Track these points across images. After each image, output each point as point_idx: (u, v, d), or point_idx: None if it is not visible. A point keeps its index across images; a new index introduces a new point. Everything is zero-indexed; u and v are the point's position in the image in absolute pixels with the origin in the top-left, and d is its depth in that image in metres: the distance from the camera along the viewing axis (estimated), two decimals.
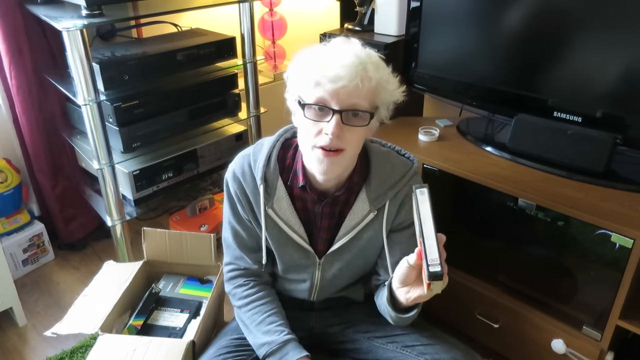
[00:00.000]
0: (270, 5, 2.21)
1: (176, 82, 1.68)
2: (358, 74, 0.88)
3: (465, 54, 1.46)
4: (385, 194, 1.04)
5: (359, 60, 0.89)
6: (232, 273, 1.13)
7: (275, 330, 1.03)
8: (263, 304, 1.08)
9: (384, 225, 1.06)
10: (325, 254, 1.08)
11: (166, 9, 1.56)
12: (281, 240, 1.07)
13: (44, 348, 1.55)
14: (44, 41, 1.72)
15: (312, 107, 0.92)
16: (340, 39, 0.95)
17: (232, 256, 1.13)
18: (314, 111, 0.92)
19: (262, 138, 1.09)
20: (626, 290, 1.12)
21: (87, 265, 1.92)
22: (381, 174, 1.04)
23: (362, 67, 0.89)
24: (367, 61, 0.90)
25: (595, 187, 1.25)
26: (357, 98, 0.90)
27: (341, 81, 0.88)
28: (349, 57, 0.89)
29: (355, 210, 1.05)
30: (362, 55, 0.91)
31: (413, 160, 1.09)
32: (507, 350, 1.42)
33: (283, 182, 1.04)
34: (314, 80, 0.90)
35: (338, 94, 0.89)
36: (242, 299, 1.10)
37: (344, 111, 0.91)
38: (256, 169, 1.04)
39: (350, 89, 0.89)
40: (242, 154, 1.08)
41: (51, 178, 1.86)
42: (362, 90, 0.90)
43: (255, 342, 1.05)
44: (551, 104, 1.30)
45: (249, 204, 1.06)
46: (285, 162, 1.05)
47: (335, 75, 0.88)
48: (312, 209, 1.05)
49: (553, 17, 1.26)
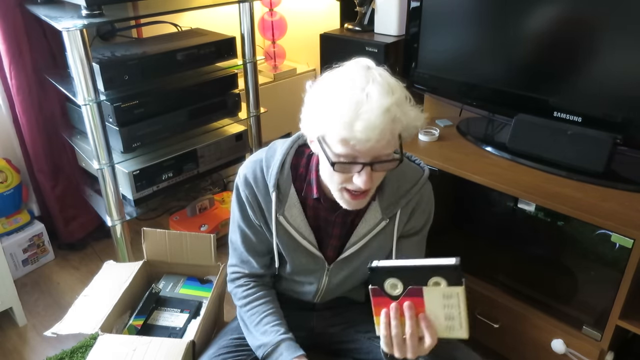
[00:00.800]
0: (270, 5, 2.21)
1: (176, 82, 1.68)
2: (388, 130, 0.83)
3: (465, 53, 1.46)
4: (397, 202, 1.03)
5: (388, 115, 0.82)
6: (235, 275, 1.13)
7: (271, 330, 1.03)
8: (261, 304, 1.08)
9: (395, 233, 1.06)
10: (334, 261, 1.08)
11: (166, 9, 1.56)
12: (291, 246, 1.07)
13: (44, 348, 1.55)
14: (44, 41, 1.72)
15: (340, 160, 0.88)
16: (361, 78, 0.85)
17: (238, 259, 1.12)
18: (342, 165, 0.88)
19: (274, 141, 1.07)
20: (626, 290, 1.12)
21: (87, 265, 1.92)
22: (393, 182, 1.03)
23: (391, 121, 0.83)
24: (395, 112, 0.83)
25: (595, 187, 1.24)
26: (387, 149, 0.87)
27: (371, 142, 0.83)
28: (378, 116, 0.81)
29: (367, 218, 1.04)
30: (390, 104, 0.83)
31: (424, 168, 1.08)
32: (507, 350, 1.42)
33: (295, 189, 1.03)
34: (340, 137, 0.85)
35: (368, 151, 0.85)
36: (242, 299, 1.10)
37: (374, 163, 0.88)
38: (269, 176, 1.02)
39: (381, 145, 0.85)
40: (254, 158, 1.06)
41: (51, 178, 1.86)
42: (392, 141, 0.86)
43: (253, 343, 1.05)
44: (551, 104, 1.30)
45: (260, 209, 1.05)
46: (298, 170, 1.03)
47: (364, 137, 0.82)
48: (324, 217, 1.04)
49: (553, 17, 1.26)
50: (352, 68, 0.88)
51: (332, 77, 0.88)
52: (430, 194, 1.09)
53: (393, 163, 0.89)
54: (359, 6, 1.77)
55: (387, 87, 0.84)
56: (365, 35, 1.72)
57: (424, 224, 1.09)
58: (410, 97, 0.90)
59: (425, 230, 1.11)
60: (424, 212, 1.07)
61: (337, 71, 0.89)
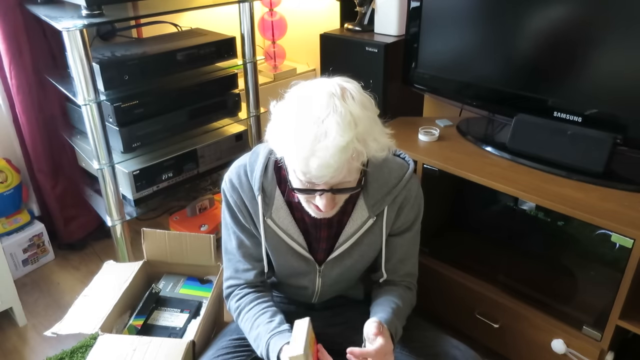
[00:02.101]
0: (270, 5, 2.21)
1: (176, 82, 1.68)
2: (344, 167, 0.83)
3: (465, 53, 1.46)
4: (384, 199, 1.03)
5: (345, 153, 0.81)
6: (230, 289, 1.12)
7: (262, 332, 1.02)
8: (251, 308, 1.07)
9: (383, 230, 1.06)
10: (325, 262, 1.08)
11: (166, 9, 1.56)
12: (281, 250, 1.07)
13: (44, 348, 1.56)
14: (44, 41, 1.72)
15: (300, 185, 0.89)
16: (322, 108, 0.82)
17: (233, 269, 1.11)
18: (302, 190, 0.90)
19: (257, 145, 1.07)
20: (626, 290, 1.12)
21: (87, 265, 1.92)
22: (378, 179, 1.02)
23: (348, 159, 0.82)
24: (354, 148, 0.81)
25: (595, 187, 1.24)
26: (347, 178, 0.87)
27: (326, 178, 0.83)
28: (333, 155, 0.80)
29: (355, 217, 1.04)
30: (348, 142, 0.80)
31: (409, 162, 1.08)
32: (507, 350, 1.42)
33: (281, 192, 1.03)
34: (298, 169, 0.85)
35: (326, 183, 0.86)
36: (235, 311, 1.10)
37: (334, 190, 0.89)
38: (253, 179, 1.02)
39: (338, 179, 0.85)
40: (238, 163, 1.07)
41: (51, 178, 1.86)
42: (352, 172, 0.86)
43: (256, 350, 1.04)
44: (551, 104, 1.30)
45: (248, 213, 1.05)
46: (282, 172, 1.03)
47: (319, 174, 0.82)
48: (310, 220, 1.04)
49: (553, 17, 1.26)
50: (317, 93, 0.85)
51: (296, 100, 0.86)
52: (418, 188, 1.08)
53: (354, 189, 0.91)
54: (359, 6, 1.77)
55: (349, 119, 0.81)
56: (365, 35, 1.72)
57: (414, 219, 1.09)
58: (378, 122, 0.88)
59: (417, 225, 1.11)
60: (413, 207, 1.07)
61: (303, 93, 0.87)
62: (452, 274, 1.46)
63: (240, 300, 1.09)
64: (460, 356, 1.04)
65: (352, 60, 1.70)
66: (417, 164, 1.42)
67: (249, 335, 1.06)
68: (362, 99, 0.86)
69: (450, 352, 1.05)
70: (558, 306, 1.31)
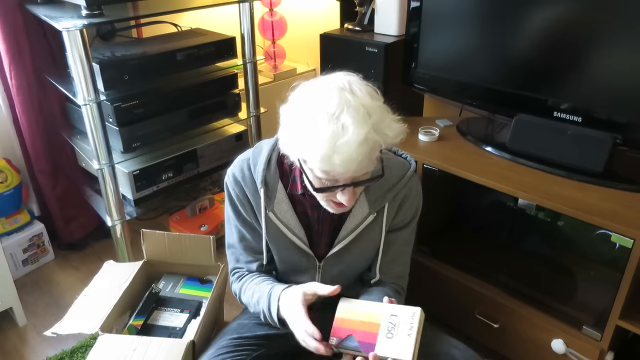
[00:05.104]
0: (270, 5, 2.21)
1: (176, 82, 1.68)
2: (367, 159, 0.84)
3: (465, 54, 1.46)
4: (385, 196, 1.05)
5: (366, 145, 0.82)
6: (234, 277, 1.15)
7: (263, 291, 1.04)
8: (252, 280, 1.10)
9: (383, 226, 1.07)
10: (325, 257, 1.08)
11: (166, 9, 1.56)
12: (282, 244, 1.08)
13: (44, 348, 1.55)
14: (44, 41, 1.72)
15: (321, 184, 0.90)
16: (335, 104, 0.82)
17: (235, 260, 1.14)
18: (324, 188, 0.90)
19: (261, 141, 1.09)
20: (626, 290, 1.12)
21: (87, 265, 1.92)
22: None
23: (369, 151, 0.83)
24: (373, 139, 0.83)
25: (595, 187, 1.24)
26: (369, 167, 0.87)
27: (350, 172, 0.84)
28: (356, 149, 0.81)
29: (355, 213, 1.05)
30: (367, 134, 0.81)
31: (410, 161, 1.09)
32: (507, 350, 1.42)
33: (283, 185, 1.04)
34: (319, 168, 0.85)
35: (349, 177, 0.87)
36: (238, 289, 1.12)
37: (355, 184, 0.89)
38: (256, 173, 1.04)
39: (364, 168, 0.86)
40: (241, 157, 1.08)
41: (51, 178, 1.86)
42: (372, 163, 0.87)
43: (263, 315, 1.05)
44: (551, 104, 1.30)
45: (250, 206, 1.06)
46: (284, 166, 1.04)
47: (344, 170, 0.83)
48: (311, 214, 1.05)
49: (553, 17, 1.26)
50: (325, 90, 0.85)
51: (307, 100, 0.86)
52: (417, 187, 1.10)
53: (377, 178, 0.92)
54: (359, 6, 1.77)
55: (363, 111, 0.83)
56: (365, 35, 1.72)
57: (412, 217, 1.11)
58: (389, 110, 0.88)
59: (413, 223, 1.12)
60: (412, 204, 1.09)
61: (311, 91, 0.87)
62: (452, 273, 1.46)
63: (243, 279, 1.12)
64: (460, 356, 1.04)
65: (352, 60, 1.70)
66: (417, 164, 1.42)
67: (251, 302, 1.07)
68: (369, 90, 0.88)
69: (450, 352, 1.05)
70: (558, 306, 1.31)
